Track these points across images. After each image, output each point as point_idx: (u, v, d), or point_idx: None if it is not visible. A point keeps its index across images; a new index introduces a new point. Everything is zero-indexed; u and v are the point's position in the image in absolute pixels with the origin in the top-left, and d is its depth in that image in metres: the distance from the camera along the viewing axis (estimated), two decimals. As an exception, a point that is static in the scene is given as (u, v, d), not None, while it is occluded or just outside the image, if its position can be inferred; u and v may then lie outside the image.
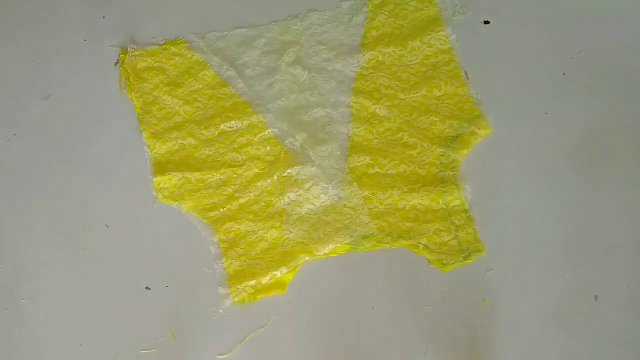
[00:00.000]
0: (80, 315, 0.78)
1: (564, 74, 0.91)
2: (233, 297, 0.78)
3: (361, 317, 0.77)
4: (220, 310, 0.78)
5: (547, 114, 0.88)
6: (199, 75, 0.93)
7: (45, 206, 0.84)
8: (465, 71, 0.91)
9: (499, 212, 0.82)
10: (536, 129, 0.87)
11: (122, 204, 0.84)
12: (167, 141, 0.88)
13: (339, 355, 0.75)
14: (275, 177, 0.85)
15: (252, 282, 0.79)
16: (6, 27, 0.98)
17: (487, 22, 0.95)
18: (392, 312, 0.77)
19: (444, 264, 0.79)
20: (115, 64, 0.94)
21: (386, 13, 0.96)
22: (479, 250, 0.79)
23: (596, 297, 0.77)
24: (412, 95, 0.90)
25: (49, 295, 0.79)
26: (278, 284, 0.79)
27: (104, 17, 0.98)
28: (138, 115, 0.90)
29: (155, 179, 0.85)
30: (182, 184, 0.85)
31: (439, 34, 0.94)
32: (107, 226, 0.83)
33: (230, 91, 0.92)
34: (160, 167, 0.86)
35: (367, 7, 0.97)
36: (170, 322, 0.77)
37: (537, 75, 0.91)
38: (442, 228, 0.81)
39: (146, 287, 0.79)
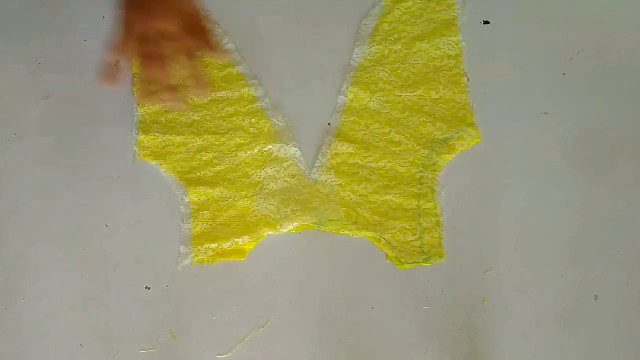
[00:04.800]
0: (80, 315, 0.78)
1: (564, 74, 0.91)
2: (193, 256, 0.80)
3: (361, 317, 0.77)
4: (179, 268, 0.79)
5: (547, 114, 0.88)
6: None
7: (45, 206, 0.84)
8: (465, 72, 0.91)
9: (498, 211, 0.82)
10: (536, 129, 0.87)
11: (122, 204, 0.84)
12: (156, 102, 0.89)
13: (339, 355, 0.75)
14: (256, 151, 0.86)
15: (214, 246, 0.81)
16: (6, 27, 0.98)
17: (487, 23, 0.95)
18: (392, 312, 0.77)
19: (401, 262, 0.79)
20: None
21: (402, 9, 0.96)
22: (440, 256, 0.80)
23: (596, 297, 0.77)
24: (408, 94, 0.90)
25: (49, 295, 0.79)
26: (238, 252, 0.81)
27: (104, 17, 0.98)
28: (134, 76, 0.91)
29: (139, 138, 0.87)
30: (165, 146, 0.87)
31: (449, 39, 0.93)
32: (107, 226, 0.83)
33: (227, 62, 0.93)
34: (146, 126, 0.88)
35: (386, 1, 0.96)
36: (170, 322, 0.77)
37: (537, 75, 0.91)
38: (408, 228, 0.82)
39: (146, 287, 0.79)
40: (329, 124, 0.89)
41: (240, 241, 0.81)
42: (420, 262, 0.79)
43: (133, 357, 0.76)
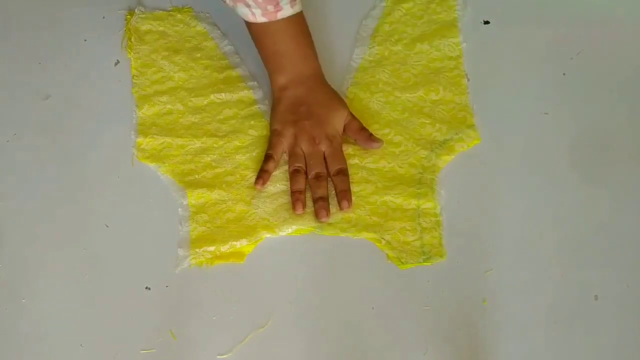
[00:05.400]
0: (80, 315, 0.78)
1: (564, 74, 0.91)
2: (192, 259, 0.80)
3: (361, 317, 0.77)
4: (177, 271, 0.79)
5: (547, 114, 0.88)
6: (200, 45, 0.94)
7: (45, 206, 0.84)
8: (465, 73, 0.91)
9: (498, 211, 0.82)
10: (536, 129, 0.87)
11: (122, 204, 0.84)
12: (155, 104, 0.90)
13: (339, 355, 0.75)
14: (254, 153, 0.86)
15: (211, 248, 0.80)
16: (6, 27, 0.98)
17: (487, 22, 0.95)
18: (392, 312, 0.77)
19: (402, 262, 0.79)
20: (116, 64, 0.94)
21: (403, 10, 0.96)
22: (441, 255, 0.80)
23: (596, 297, 0.77)
24: (408, 95, 0.90)
25: (49, 295, 0.79)
26: (236, 254, 0.81)
27: (104, 17, 0.98)
28: (132, 77, 0.92)
29: (138, 140, 0.87)
30: (163, 148, 0.87)
31: (450, 40, 0.93)
32: (107, 226, 0.83)
33: (226, 64, 0.92)
34: (145, 128, 0.88)
35: (386, 2, 0.96)
36: (170, 322, 0.77)
37: (537, 76, 0.91)
38: (408, 228, 0.81)
39: (146, 287, 0.79)
40: None
41: (238, 244, 0.81)
42: (421, 262, 0.79)
43: (133, 357, 0.76)
